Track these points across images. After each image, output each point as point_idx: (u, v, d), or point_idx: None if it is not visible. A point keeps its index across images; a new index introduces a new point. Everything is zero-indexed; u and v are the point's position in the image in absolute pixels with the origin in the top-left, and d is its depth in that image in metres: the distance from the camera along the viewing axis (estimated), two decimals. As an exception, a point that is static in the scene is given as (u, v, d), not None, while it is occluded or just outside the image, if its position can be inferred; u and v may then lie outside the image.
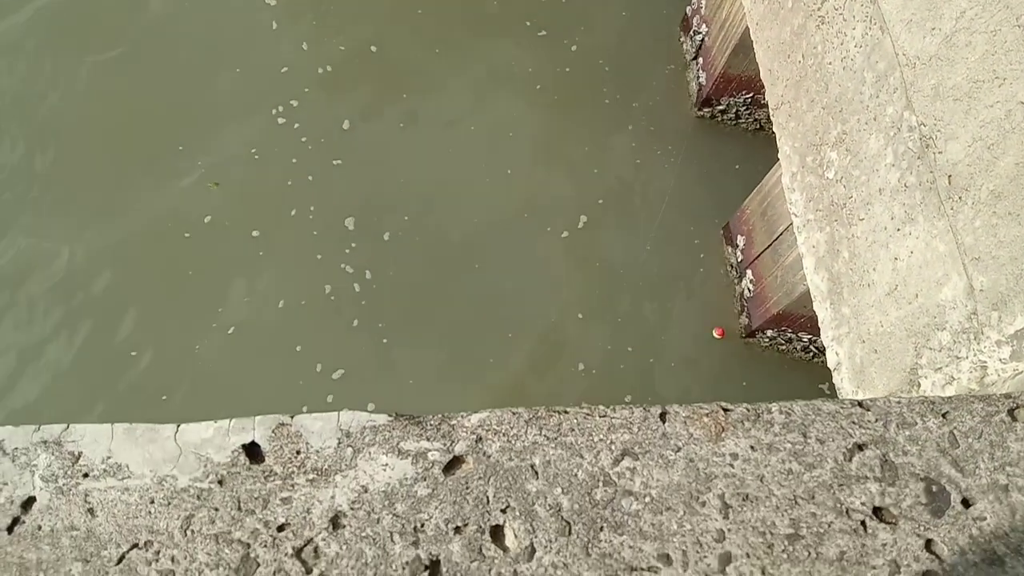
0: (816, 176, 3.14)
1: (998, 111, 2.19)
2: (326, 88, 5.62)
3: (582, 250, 5.22)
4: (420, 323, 4.95)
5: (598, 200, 5.37)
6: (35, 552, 1.24)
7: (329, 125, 5.49)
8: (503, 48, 5.87)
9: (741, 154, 5.54)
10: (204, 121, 5.43)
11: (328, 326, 4.87)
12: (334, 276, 5.02)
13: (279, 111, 5.49)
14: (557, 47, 5.89)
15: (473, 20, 5.98)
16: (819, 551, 1.24)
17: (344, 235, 5.14)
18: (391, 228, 5.19)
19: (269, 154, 5.35)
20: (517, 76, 5.77)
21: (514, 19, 5.98)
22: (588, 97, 5.73)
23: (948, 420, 1.38)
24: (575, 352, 4.91)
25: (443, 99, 5.66)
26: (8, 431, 1.35)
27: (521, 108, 5.66)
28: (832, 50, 3.03)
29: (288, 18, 5.85)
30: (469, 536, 1.25)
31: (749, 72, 5.14)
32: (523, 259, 5.17)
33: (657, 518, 1.27)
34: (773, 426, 1.37)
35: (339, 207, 5.23)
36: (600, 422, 1.37)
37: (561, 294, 5.09)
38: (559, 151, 5.54)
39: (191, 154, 5.31)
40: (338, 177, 5.32)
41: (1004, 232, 2.16)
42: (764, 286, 4.65)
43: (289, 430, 1.35)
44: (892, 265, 2.65)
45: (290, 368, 4.73)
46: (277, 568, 1.22)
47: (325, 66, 5.68)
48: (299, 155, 5.37)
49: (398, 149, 5.44)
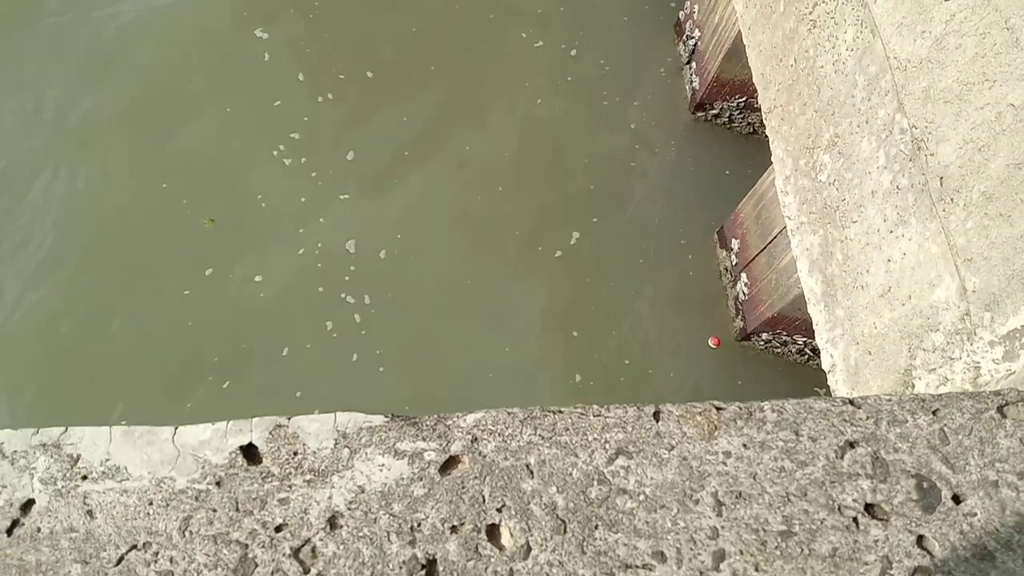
0: (809, 179, 3.16)
1: (988, 113, 2.21)
2: (327, 117, 5.56)
3: (576, 264, 5.21)
4: (417, 343, 4.94)
5: (592, 219, 5.37)
6: (35, 554, 1.25)
7: (333, 156, 5.43)
8: (499, 61, 5.88)
9: (735, 158, 5.56)
10: (205, 169, 5.32)
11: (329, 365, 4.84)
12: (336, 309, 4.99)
13: (280, 150, 5.41)
14: (556, 57, 5.90)
15: (468, 34, 6.00)
16: (812, 548, 1.26)
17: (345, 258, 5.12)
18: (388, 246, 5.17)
19: (274, 197, 5.28)
20: (515, 89, 5.78)
21: (509, 30, 6.00)
22: (585, 107, 5.74)
23: (938, 417, 1.39)
24: (572, 365, 4.92)
25: (442, 118, 5.64)
26: (7, 434, 1.36)
27: (516, 123, 5.66)
28: (824, 54, 3.06)
29: (281, 49, 5.80)
30: (465, 535, 1.26)
31: (742, 76, 5.17)
32: (517, 274, 5.18)
33: (651, 516, 1.28)
34: (765, 424, 1.38)
35: (343, 233, 5.20)
36: (594, 421, 1.38)
37: (556, 308, 5.08)
38: (555, 165, 5.54)
39: (195, 206, 5.21)
40: (346, 209, 5.30)
41: (996, 233, 2.18)
42: (759, 289, 4.67)
43: (286, 431, 1.36)
44: (885, 267, 2.67)
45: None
46: (275, 568, 1.23)
47: (326, 94, 5.64)
48: (307, 193, 5.30)
49: (402, 174, 5.43)
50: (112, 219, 5.13)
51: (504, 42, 5.94)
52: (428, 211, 5.32)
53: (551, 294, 5.12)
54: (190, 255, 5.04)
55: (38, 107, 5.46)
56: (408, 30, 5.94)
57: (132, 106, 5.50)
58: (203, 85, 5.60)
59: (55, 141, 5.35)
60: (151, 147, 5.36)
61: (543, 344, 4.97)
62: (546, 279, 5.16)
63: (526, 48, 5.93)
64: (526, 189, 5.43)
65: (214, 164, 5.32)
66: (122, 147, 5.36)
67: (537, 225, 5.31)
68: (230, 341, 4.83)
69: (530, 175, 5.48)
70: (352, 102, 5.63)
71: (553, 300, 5.11)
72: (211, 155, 5.36)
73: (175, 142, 5.40)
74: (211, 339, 4.82)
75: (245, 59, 5.72)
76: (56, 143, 5.34)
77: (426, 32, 5.95)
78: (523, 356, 4.93)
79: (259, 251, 5.08)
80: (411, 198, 5.35)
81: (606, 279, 5.17)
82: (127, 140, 5.39)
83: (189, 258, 5.03)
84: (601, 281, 5.17)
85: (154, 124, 5.45)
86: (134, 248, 5.05)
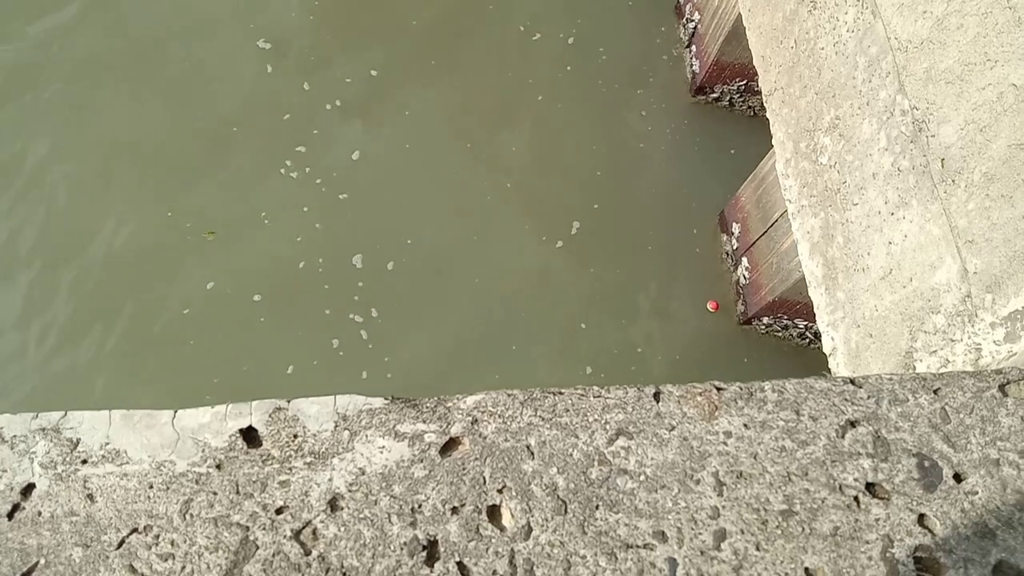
0: (810, 162, 3.15)
1: (990, 93, 2.20)
2: (333, 123, 5.50)
3: (581, 255, 5.20)
4: (424, 347, 4.92)
5: (593, 205, 5.35)
6: (35, 538, 1.25)
7: (340, 158, 5.38)
8: (500, 54, 5.84)
9: (739, 139, 5.53)
10: (213, 190, 5.25)
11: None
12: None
13: (288, 165, 5.35)
14: (554, 49, 5.87)
15: (468, 26, 5.95)
16: (813, 527, 1.26)
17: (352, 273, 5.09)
18: (395, 257, 5.13)
19: (279, 215, 5.22)
20: (516, 81, 5.75)
21: (511, 23, 5.96)
22: (585, 95, 5.71)
23: (939, 396, 1.39)
24: (583, 357, 4.92)
25: (443, 113, 5.61)
26: (7, 419, 1.36)
27: (521, 115, 5.63)
28: (824, 35, 3.04)
29: (282, 58, 5.73)
30: (466, 516, 1.26)
31: (742, 60, 5.14)
32: (523, 267, 5.17)
33: (652, 496, 1.28)
34: (766, 404, 1.38)
35: (348, 245, 5.14)
36: (595, 402, 1.38)
37: (563, 301, 5.07)
38: (558, 157, 5.51)
39: (201, 225, 5.15)
40: (347, 213, 5.24)
41: (997, 214, 2.17)
42: (759, 273, 4.66)
43: (286, 414, 1.36)
44: (886, 249, 2.66)
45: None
46: (276, 550, 1.23)
47: (334, 101, 5.59)
48: (310, 203, 5.25)
49: (403, 171, 5.38)
50: (109, 240, 5.08)
51: (504, 34, 5.91)
52: (427, 204, 5.31)
53: (557, 285, 5.11)
54: (191, 272, 5.01)
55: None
56: (408, 23, 5.90)
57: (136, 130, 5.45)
58: (212, 102, 5.54)
59: (57, 156, 5.32)
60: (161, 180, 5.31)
61: (553, 340, 4.96)
62: (551, 269, 5.14)
63: (524, 39, 5.89)
64: (531, 181, 5.40)
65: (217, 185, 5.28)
66: (129, 175, 5.30)
67: (540, 216, 5.29)
68: (232, 362, 4.81)
69: (536, 167, 5.46)
70: (356, 104, 5.58)
71: (559, 292, 5.09)
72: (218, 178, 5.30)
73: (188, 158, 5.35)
74: (212, 359, 4.80)
75: (251, 74, 5.65)
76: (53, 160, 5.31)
77: (425, 25, 5.91)
78: (531, 352, 4.93)
79: (260, 265, 5.04)
80: (413, 194, 5.33)
81: (612, 268, 5.16)
82: (133, 170, 5.32)
83: (190, 275, 5.00)
84: (607, 270, 5.16)
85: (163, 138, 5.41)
86: (132, 267, 5.00)
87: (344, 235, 5.14)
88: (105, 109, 5.43)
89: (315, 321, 4.89)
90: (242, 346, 4.81)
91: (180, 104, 5.48)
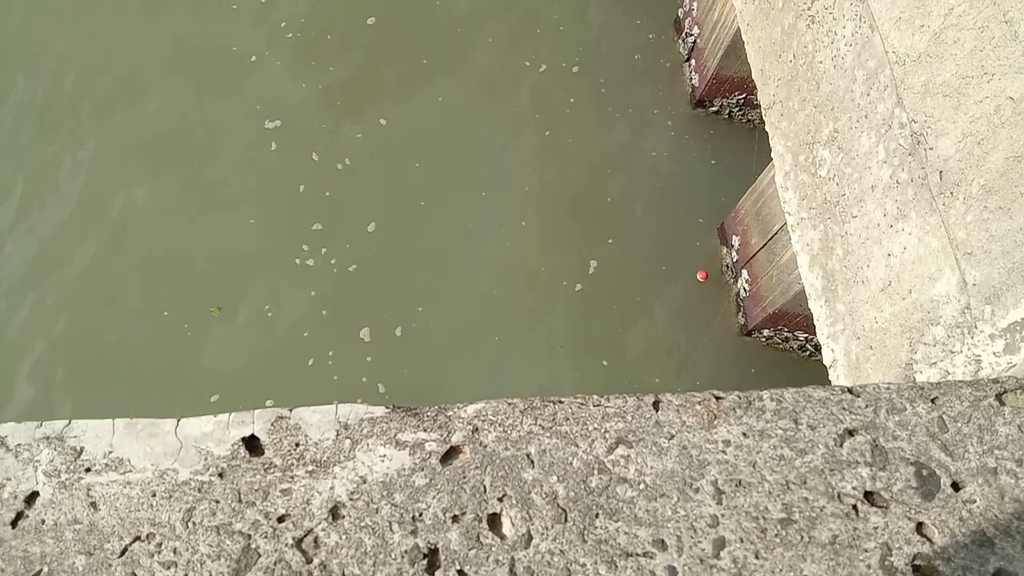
0: (809, 174, 3.17)
1: (987, 106, 2.21)
2: (347, 194, 5.48)
3: (595, 297, 5.21)
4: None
5: (608, 239, 5.36)
6: (39, 546, 1.26)
7: (355, 231, 5.37)
8: (502, 77, 5.87)
9: (740, 152, 5.56)
10: (224, 278, 5.23)
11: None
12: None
13: (304, 251, 5.32)
14: (559, 77, 5.90)
15: (470, 48, 5.99)
16: (812, 535, 1.26)
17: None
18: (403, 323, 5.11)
19: (286, 302, 5.19)
20: (520, 109, 5.80)
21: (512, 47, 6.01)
22: (586, 109, 5.75)
23: (937, 405, 1.40)
24: (586, 367, 4.95)
25: (451, 157, 5.64)
26: (11, 427, 1.37)
27: (528, 151, 5.66)
28: (822, 49, 3.06)
29: (289, 138, 5.73)
30: (467, 524, 1.27)
31: (741, 73, 5.18)
32: (536, 307, 5.18)
33: (651, 504, 1.29)
34: (765, 413, 1.39)
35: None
36: (594, 411, 1.39)
37: (578, 336, 5.10)
38: (566, 185, 5.54)
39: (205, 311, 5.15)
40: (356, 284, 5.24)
41: (995, 226, 2.18)
42: (760, 285, 4.67)
43: (288, 423, 1.37)
44: (885, 261, 2.67)
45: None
46: (278, 559, 1.24)
47: (343, 159, 5.60)
48: (320, 289, 5.21)
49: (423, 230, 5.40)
50: (117, 318, 5.12)
51: (506, 58, 5.96)
52: (443, 243, 5.32)
53: (571, 323, 5.11)
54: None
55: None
56: (419, 61, 5.94)
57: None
58: (226, 186, 5.56)
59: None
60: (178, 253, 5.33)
61: (568, 372, 4.99)
62: (564, 308, 5.15)
63: (527, 68, 5.94)
64: (543, 213, 5.43)
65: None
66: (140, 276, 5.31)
67: (552, 255, 5.32)
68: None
69: (547, 208, 5.50)
70: (366, 169, 5.58)
71: (574, 328, 5.10)
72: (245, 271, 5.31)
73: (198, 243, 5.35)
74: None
75: (257, 156, 5.66)
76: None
77: (430, 61, 5.97)
78: (516, 356, 4.96)
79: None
80: (428, 236, 5.35)
81: (626, 295, 5.18)
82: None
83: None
84: (620, 298, 5.17)
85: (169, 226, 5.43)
86: (135, 356, 5.00)
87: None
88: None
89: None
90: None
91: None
